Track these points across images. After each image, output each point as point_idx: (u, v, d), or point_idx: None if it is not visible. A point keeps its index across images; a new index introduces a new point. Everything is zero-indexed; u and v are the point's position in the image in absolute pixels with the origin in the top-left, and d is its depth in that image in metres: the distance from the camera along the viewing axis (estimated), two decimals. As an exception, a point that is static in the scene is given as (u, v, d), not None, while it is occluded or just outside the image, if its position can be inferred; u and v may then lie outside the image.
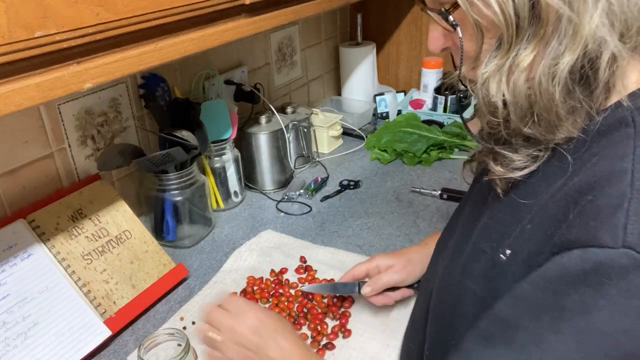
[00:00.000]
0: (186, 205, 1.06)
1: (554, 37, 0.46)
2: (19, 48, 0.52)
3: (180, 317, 0.89)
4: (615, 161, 0.45)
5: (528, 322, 0.44)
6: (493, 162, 0.55)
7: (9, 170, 0.90)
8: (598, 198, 0.43)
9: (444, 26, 0.53)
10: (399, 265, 0.83)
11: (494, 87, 0.50)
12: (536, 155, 0.52)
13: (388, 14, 1.70)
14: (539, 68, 0.47)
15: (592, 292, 0.41)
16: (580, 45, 0.45)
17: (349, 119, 1.55)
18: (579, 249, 0.42)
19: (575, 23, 0.45)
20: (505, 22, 0.47)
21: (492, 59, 0.49)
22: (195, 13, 0.71)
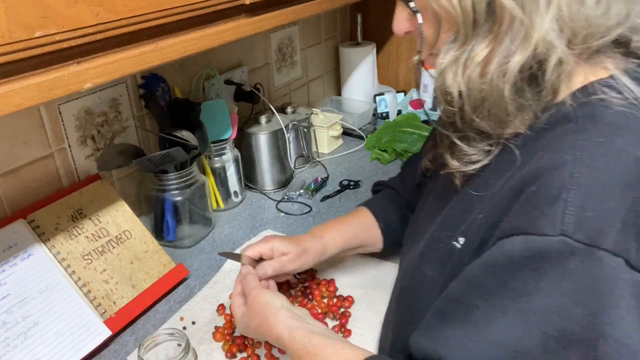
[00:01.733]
0: (186, 205, 1.06)
1: (507, 37, 0.49)
2: (19, 48, 0.52)
3: (180, 317, 0.89)
4: (558, 154, 0.48)
5: (479, 301, 0.48)
6: (450, 156, 0.59)
7: (9, 170, 0.90)
8: (540, 189, 0.47)
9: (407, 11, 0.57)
10: (294, 254, 0.82)
11: (450, 77, 0.53)
12: (488, 149, 0.56)
13: (388, 14, 1.68)
14: (492, 65, 0.50)
15: (534, 275, 0.44)
16: (531, 47, 0.49)
17: (349, 119, 1.55)
18: (521, 236, 0.46)
19: (527, 25, 0.48)
20: (462, 16, 0.50)
21: (449, 50, 0.53)
22: (195, 13, 0.71)
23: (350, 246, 0.89)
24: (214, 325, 0.86)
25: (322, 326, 0.68)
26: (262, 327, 0.69)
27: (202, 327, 0.87)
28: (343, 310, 0.88)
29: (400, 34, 0.60)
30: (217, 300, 0.92)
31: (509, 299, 0.46)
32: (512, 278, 0.46)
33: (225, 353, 0.81)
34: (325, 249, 0.85)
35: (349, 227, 0.89)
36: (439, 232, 0.60)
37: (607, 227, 0.43)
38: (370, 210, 0.91)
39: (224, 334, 0.84)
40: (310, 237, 0.86)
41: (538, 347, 0.44)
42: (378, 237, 0.91)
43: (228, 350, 0.81)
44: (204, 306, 0.91)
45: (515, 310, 0.45)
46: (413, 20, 0.57)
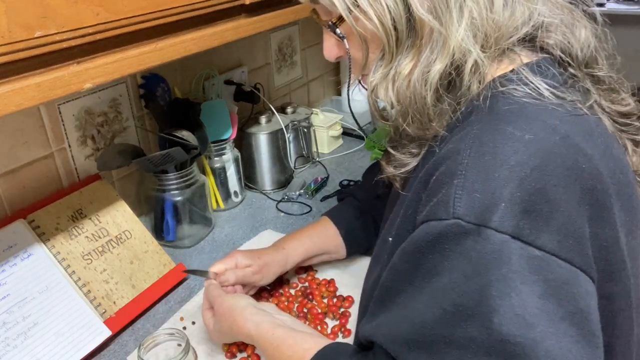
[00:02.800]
0: (186, 205, 1.06)
1: (427, 48, 0.54)
2: (19, 48, 0.52)
3: (180, 317, 0.89)
4: (455, 144, 0.51)
5: (404, 285, 0.51)
6: (385, 163, 0.64)
7: (9, 170, 0.90)
8: (437, 177, 0.51)
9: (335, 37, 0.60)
10: (256, 267, 0.85)
11: (382, 93, 0.57)
12: (416, 152, 0.60)
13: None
14: (414, 74, 0.54)
15: (439, 257, 0.48)
16: (449, 55, 0.52)
17: (349, 119, 1.55)
18: (425, 224, 0.49)
19: (444, 35, 0.52)
20: (386, 35, 0.53)
21: (378, 68, 0.56)
22: (195, 13, 0.71)
23: (311, 254, 0.92)
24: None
25: (289, 319, 0.73)
26: (233, 329, 0.73)
27: (202, 327, 0.87)
28: (343, 310, 0.88)
29: (332, 60, 0.64)
30: (217, 300, 0.92)
31: (423, 280, 0.49)
32: (422, 261, 0.49)
33: (225, 353, 0.81)
34: (286, 260, 0.89)
35: (309, 237, 0.93)
36: (385, 235, 0.63)
37: (492, 206, 0.45)
38: (331, 219, 0.94)
39: (224, 334, 0.84)
40: (272, 249, 0.90)
41: (439, 321, 0.47)
42: (340, 244, 0.94)
43: (228, 350, 0.81)
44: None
45: (425, 289, 0.49)
46: (341, 46, 0.61)
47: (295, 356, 0.64)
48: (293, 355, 0.65)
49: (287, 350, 0.66)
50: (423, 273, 0.49)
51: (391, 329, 0.51)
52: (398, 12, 0.52)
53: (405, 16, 0.52)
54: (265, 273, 0.86)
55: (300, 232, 0.94)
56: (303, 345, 0.65)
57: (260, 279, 0.86)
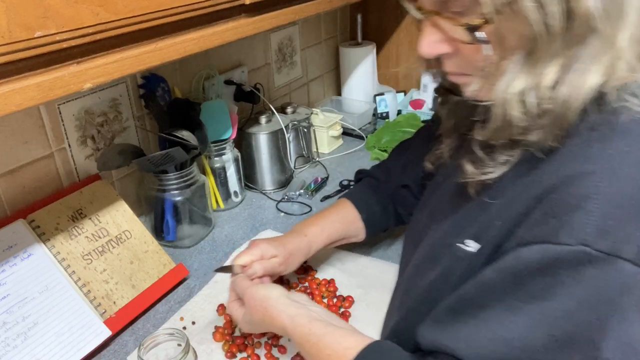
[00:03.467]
0: (186, 205, 1.06)
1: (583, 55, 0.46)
2: (19, 48, 0.52)
3: (180, 317, 0.89)
4: (582, 163, 0.47)
5: (494, 302, 0.50)
6: (470, 164, 0.57)
7: (9, 170, 0.90)
8: (561, 197, 0.47)
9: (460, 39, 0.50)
10: (282, 257, 0.83)
11: (517, 107, 0.48)
12: (509, 159, 0.54)
13: (388, 14, 1.70)
14: (565, 87, 0.47)
15: (549, 281, 0.46)
16: (608, 65, 0.46)
17: (349, 119, 1.55)
18: (539, 245, 0.46)
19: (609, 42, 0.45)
20: (539, 39, 0.45)
21: (516, 77, 0.48)
22: (195, 13, 0.71)
23: (334, 239, 0.91)
24: (214, 325, 0.86)
25: (324, 311, 0.70)
26: (265, 320, 0.70)
27: (202, 327, 0.87)
28: (343, 310, 0.88)
29: (431, 57, 0.55)
30: (217, 300, 0.92)
31: (523, 301, 0.47)
32: (527, 282, 0.47)
33: (225, 353, 0.81)
34: (310, 248, 0.87)
35: (331, 222, 0.91)
36: (449, 239, 0.60)
37: (628, 236, 0.43)
38: (351, 202, 0.93)
39: (224, 334, 0.84)
40: (294, 237, 0.87)
41: (544, 346, 0.45)
42: (360, 228, 0.92)
43: (228, 350, 0.81)
44: (204, 306, 0.91)
45: (527, 311, 0.47)
46: (452, 43, 0.52)
47: (334, 355, 0.61)
48: (332, 355, 0.61)
49: (325, 349, 0.62)
50: (527, 295, 0.47)
51: (476, 345, 0.50)
52: (557, 11, 0.44)
53: (565, 15, 0.44)
54: (290, 263, 0.85)
55: (321, 217, 0.91)
56: (343, 343, 0.61)
57: (285, 269, 0.85)
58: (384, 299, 0.90)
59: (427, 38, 0.53)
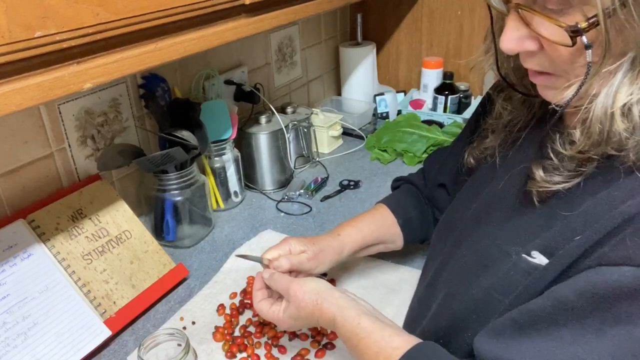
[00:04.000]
0: (186, 205, 1.06)
1: None
2: (19, 48, 0.52)
3: (180, 317, 0.89)
4: None
5: (569, 321, 0.47)
6: (542, 171, 0.53)
7: (9, 170, 0.90)
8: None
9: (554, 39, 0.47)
10: (311, 253, 0.80)
11: (621, 120, 0.45)
12: (583, 170, 0.51)
13: (388, 14, 1.70)
14: None
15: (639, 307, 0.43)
16: None
17: (349, 119, 1.55)
18: (631, 267, 0.44)
19: None
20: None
21: (621, 88, 0.45)
22: (195, 13, 0.71)
23: (369, 243, 0.87)
24: (214, 325, 0.86)
25: (372, 307, 0.68)
26: (315, 314, 0.68)
27: (202, 327, 0.87)
28: (343, 310, 0.88)
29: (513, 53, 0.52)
30: (217, 300, 0.92)
31: (608, 324, 0.45)
32: (613, 305, 0.45)
33: (225, 353, 0.81)
34: (343, 247, 0.84)
35: (366, 224, 0.87)
36: (508, 246, 0.57)
37: None
38: (388, 207, 0.90)
39: (224, 334, 0.84)
40: (327, 235, 0.85)
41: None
42: (397, 234, 0.89)
43: (228, 350, 0.81)
44: (204, 306, 0.91)
45: (613, 335, 0.44)
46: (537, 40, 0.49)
47: (382, 353, 0.59)
48: (380, 353, 0.59)
49: (373, 346, 0.60)
50: (610, 316, 0.45)
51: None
52: None
53: None
54: (321, 260, 0.81)
55: (357, 219, 0.89)
56: (392, 343, 0.59)
57: (316, 266, 0.81)
58: (384, 299, 0.90)
59: (512, 33, 0.49)
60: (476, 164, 0.73)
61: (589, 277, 0.47)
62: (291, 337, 0.84)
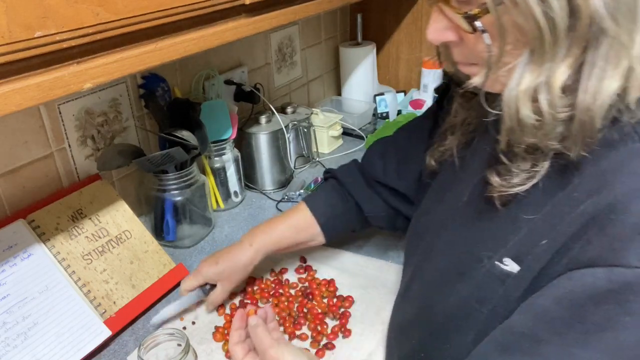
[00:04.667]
0: (186, 205, 1.06)
1: (596, 60, 0.44)
2: (19, 48, 0.52)
3: (180, 317, 0.89)
4: (634, 179, 0.45)
5: (551, 336, 0.45)
6: (496, 176, 0.54)
7: (9, 170, 0.90)
8: (621, 217, 0.44)
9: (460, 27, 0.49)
10: (221, 278, 0.88)
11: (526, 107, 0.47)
12: (536, 170, 0.51)
13: (388, 14, 1.70)
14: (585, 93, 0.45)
15: (618, 309, 0.42)
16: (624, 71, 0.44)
17: (349, 119, 1.55)
18: (603, 268, 0.43)
19: (622, 46, 0.43)
20: (542, 35, 0.44)
21: (524, 74, 0.46)
22: (195, 13, 0.71)
23: (283, 246, 0.91)
24: (214, 325, 0.86)
25: None
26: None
27: (202, 327, 0.87)
28: (343, 310, 0.88)
29: (437, 43, 0.54)
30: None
31: (591, 334, 0.43)
32: (593, 312, 0.43)
33: (225, 353, 0.81)
34: (254, 258, 0.89)
35: (280, 230, 0.91)
36: (478, 252, 0.57)
37: None
38: (309, 208, 0.92)
39: (224, 334, 0.84)
40: (239, 248, 0.89)
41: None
42: (316, 233, 0.91)
43: (228, 350, 0.81)
44: (204, 306, 0.91)
45: (599, 345, 0.43)
46: (457, 30, 0.51)
47: None
48: None
49: None
50: (591, 325, 0.43)
51: None
52: (561, 8, 0.42)
53: (569, 14, 0.42)
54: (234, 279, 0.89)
55: (271, 224, 0.92)
56: None
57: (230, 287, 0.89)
58: (384, 298, 0.90)
59: (434, 25, 0.52)
60: (438, 166, 0.72)
61: (563, 284, 0.46)
62: (291, 337, 0.84)
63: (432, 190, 0.74)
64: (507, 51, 0.47)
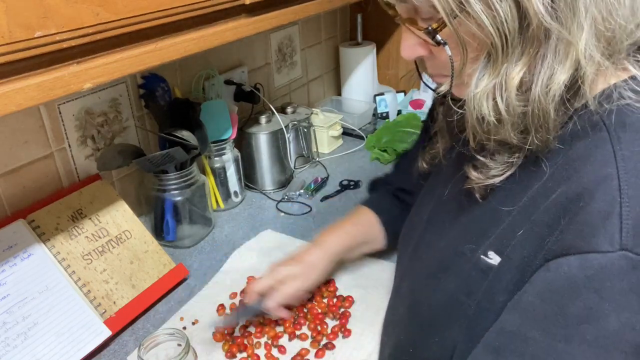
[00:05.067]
0: (186, 205, 1.06)
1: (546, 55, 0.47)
2: (19, 48, 0.52)
3: (180, 317, 0.89)
4: (599, 167, 0.46)
5: (536, 333, 0.46)
6: (473, 169, 0.56)
7: (9, 170, 0.90)
8: (589, 204, 0.45)
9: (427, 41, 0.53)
10: (302, 274, 0.84)
11: (486, 105, 0.50)
12: (512, 161, 0.54)
13: (388, 14, 1.69)
14: (536, 87, 0.48)
15: (596, 298, 0.43)
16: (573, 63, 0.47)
17: (349, 119, 1.55)
18: (576, 256, 0.44)
19: (567, 40, 0.46)
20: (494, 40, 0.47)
21: (482, 77, 0.50)
22: (195, 13, 0.71)
23: (355, 244, 0.90)
24: (214, 326, 0.86)
25: None
26: None
27: (202, 327, 0.87)
28: (343, 310, 0.88)
29: (410, 60, 0.58)
30: (217, 300, 0.92)
31: (573, 327, 0.44)
32: (571, 303, 0.44)
33: (225, 353, 0.81)
34: (331, 255, 0.87)
35: (351, 227, 0.90)
36: (460, 246, 0.58)
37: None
38: (369, 208, 0.92)
39: (224, 334, 0.84)
40: (313, 248, 0.87)
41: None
42: (381, 232, 0.92)
43: (228, 350, 0.81)
44: (204, 306, 0.91)
45: (582, 338, 0.43)
46: (426, 45, 0.54)
47: None
48: None
49: None
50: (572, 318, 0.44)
51: None
52: (509, 14, 0.45)
53: (518, 18, 0.46)
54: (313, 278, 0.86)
55: (340, 224, 0.91)
56: None
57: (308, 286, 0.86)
58: (384, 298, 0.90)
59: (405, 42, 0.56)
60: (429, 168, 0.75)
61: (542, 276, 0.47)
62: (291, 337, 0.84)
63: (423, 191, 0.77)
64: (469, 59, 0.50)
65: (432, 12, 0.49)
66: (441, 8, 0.47)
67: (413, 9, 0.51)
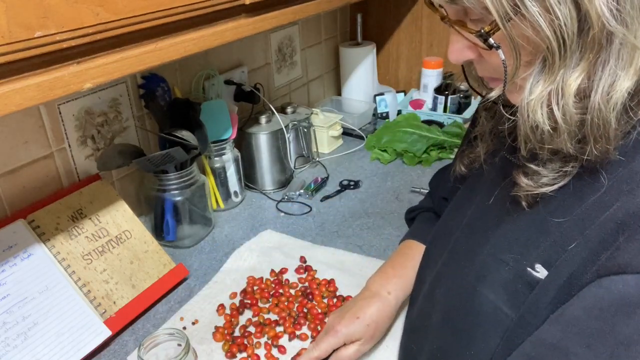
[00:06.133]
0: (186, 205, 1.06)
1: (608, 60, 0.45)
2: (19, 48, 0.52)
3: (180, 317, 0.89)
4: None
5: (579, 348, 0.44)
6: (523, 176, 0.54)
7: (9, 170, 0.90)
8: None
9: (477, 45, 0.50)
10: (366, 335, 0.76)
11: (540, 113, 0.47)
12: (566, 170, 0.51)
13: (388, 14, 1.70)
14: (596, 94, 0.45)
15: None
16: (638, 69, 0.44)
17: (349, 119, 1.55)
18: (633, 275, 0.42)
19: (633, 45, 0.43)
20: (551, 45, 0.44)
21: (537, 83, 0.47)
22: (195, 13, 0.71)
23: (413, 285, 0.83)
24: (214, 325, 0.86)
25: None
26: None
27: (202, 327, 0.87)
28: (343, 310, 0.88)
29: (459, 64, 0.55)
30: (217, 300, 0.92)
31: (620, 346, 0.42)
32: (624, 323, 0.42)
33: (225, 353, 0.81)
34: (396, 305, 0.80)
35: (409, 271, 0.82)
36: (503, 254, 0.56)
37: None
38: (415, 240, 0.87)
39: (224, 334, 0.84)
40: (374, 300, 0.79)
41: None
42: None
43: (228, 350, 0.81)
44: (204, 306, 0.91)
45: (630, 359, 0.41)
46: (475, 49, 0.52)
47: None
48: None
49: None
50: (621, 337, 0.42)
51: None
52: (569, 17, 0.43)
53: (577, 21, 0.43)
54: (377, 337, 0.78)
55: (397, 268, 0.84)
56: None
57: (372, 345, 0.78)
58: (384, 299, 0.90)
59: (453, 45, 0.53)
60: (467, 171, 0.73)
61: (592, 292, 0.45)
62: (291, 337, 0.84)
63: (460, 195, 0.75)
64: (522, 63, 0.47)
65: (484, 14, 0.46)
66: (494, 10, 0.44)
67: (463, 10, 0.49)
